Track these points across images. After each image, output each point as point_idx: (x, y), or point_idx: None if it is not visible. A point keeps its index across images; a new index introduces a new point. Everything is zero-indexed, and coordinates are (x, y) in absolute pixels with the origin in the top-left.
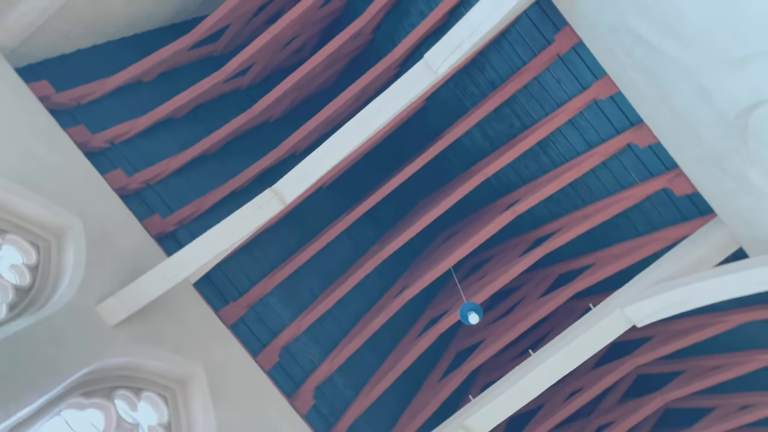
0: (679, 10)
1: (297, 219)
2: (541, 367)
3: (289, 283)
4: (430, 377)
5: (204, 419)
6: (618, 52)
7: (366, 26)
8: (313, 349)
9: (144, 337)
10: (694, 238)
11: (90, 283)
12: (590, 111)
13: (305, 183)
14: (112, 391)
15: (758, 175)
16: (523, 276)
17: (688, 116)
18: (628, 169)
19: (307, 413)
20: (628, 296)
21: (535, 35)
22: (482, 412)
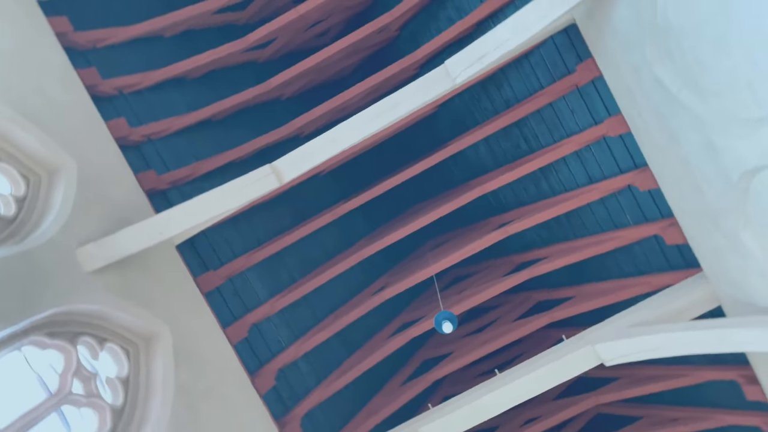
0: (704, 63)
1: (290, 200)
2: (504, 388)
3: (271, 263)
4: (394, 379)
5: (163, 380)
6: (636, 93)
7: (393, 23)
8: (283, 331)
9: (118, 289)
10: (676, 289)
11: (74, 225)
12: (598, 146)
13: (305, 165)
14: (77, 337)
15: (750, 237)
16: (503, 296)
17: (693, 168)
18: (624, 210)
19: (266, 393)
20: (602, 334)
21: (557, 61)
22: (438, 422)
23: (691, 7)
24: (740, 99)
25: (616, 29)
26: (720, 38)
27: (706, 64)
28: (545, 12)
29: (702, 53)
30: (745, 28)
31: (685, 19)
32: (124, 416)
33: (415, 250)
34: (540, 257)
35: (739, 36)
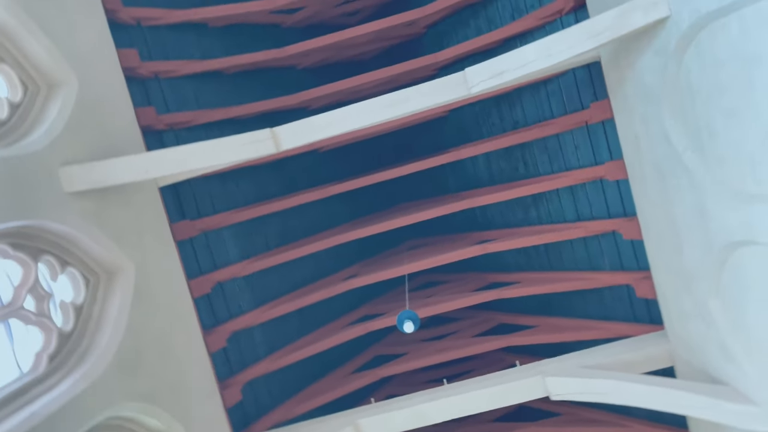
0: (714, 130)
1: (282, 170)
2: (448, 399)
3: (250, 226)
4: (344, 367)
5: (117, 316)
6: (642, 143)
7: (423, 19)
8: (246, 296)
9: (92, 216)
10: (635, 340)
11: (63, 143)
12: (593, 186)
13: (306, 138)
14: (40, 254)
15: (718, 307)
16: (468, 310)
17: (679, 228)
18: (604, 254)
19: (215, 352)
20: (555, 369)
21: (573, 95)
22: (378, 417)
23: (713, 74)
24: (741, 172)
25: (637, 76)
26: (734, 109)
27: (716, 131)
28: (573, 43)
29: (714, 120)
30: (761, 105)
31: (705, 84)
32: (69, 343)
33: (393, 247)
34: (512, 281)
35: (754, 112)
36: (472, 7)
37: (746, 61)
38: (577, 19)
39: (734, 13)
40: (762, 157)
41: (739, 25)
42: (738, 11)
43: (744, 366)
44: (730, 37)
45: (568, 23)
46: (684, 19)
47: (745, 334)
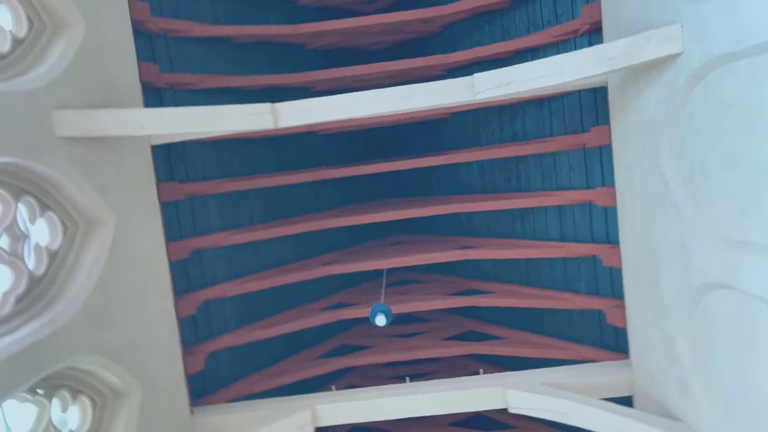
0: (708, 170)
1: (277, 147)
2: (408, 397)
3: (237, 198)
4: (309, 351)
5: (90, 267)
6: (635, 174)
7: (440, 18)
8: (223, 266)
9: (80, 164)
10: (599, 366)
11: (61, 85)
12: (581, 209)
13: (306, 118)
14: (21, 194)
15: (685, 345)
16: (440, 313)
17: (659, 262)
18: (581, 277)
19: (184, 318)
20: (517, 382)
21: (575, 116)
22: (335, 405)
23: (717, 116)
24: (729, 217)
25: (641, 107)
26: (731, 154)
27: (710, 173)
28: (583, 65)
29: (710, 161)
30: (759, 154)
31: (707, 124)
32: (39, 287)
33: (376, 239)
34: (488, 290)
35: (750, 160)
36: (490, 14)
37: (751, 108)
38: (590, 42)
39: (746, 59)
40: (751, 205)
41: (749, 72)
42: (750, 58)
43: (702, 406)
44: (738, 83)
45: (581, 44)
46: (696, 58)
47: (706, 375)
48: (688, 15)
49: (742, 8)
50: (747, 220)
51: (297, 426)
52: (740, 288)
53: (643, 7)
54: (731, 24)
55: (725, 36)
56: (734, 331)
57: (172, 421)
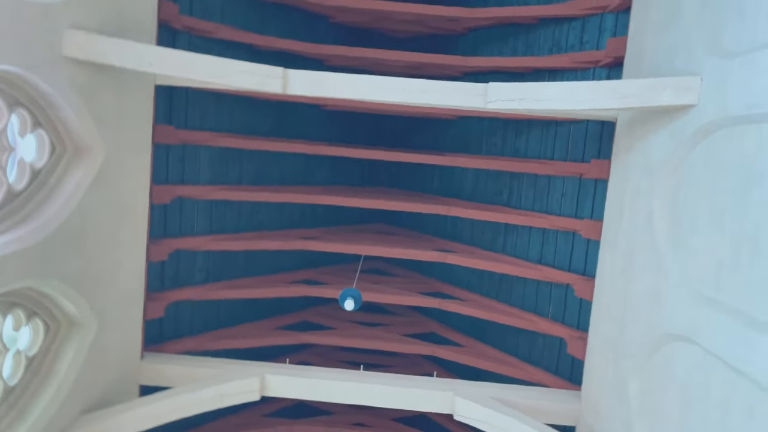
0: (696, 225)
1: (280, 113)
2: (358, 384)
3: (230, 155)
4: (270, 320)
5: (71, 193)
6: (625, 213)
7: (467, 20)
8: (202, 220)
9: (80, 88)
10: (549, 392)
11: (78, 5)
12: (564, 237)
13: (315, 90)
14: (16, 106)
15: (636, 388)
16: (407, 309)
17: (629, 303)
18: (551, 303)
19: (153, 263)
20: (467, 391)
21: (579, 145)
22: (286, 378)
23: (715, 174)
24: (705, 274)
25: (645, 149)
26: (721, 214)
27: (698, 228)
28: (597, 97)
29: (699, 216)
30: (747, 220)
31: (704, 180)
32: (15, 202)
33: (359, 224)
34: (458, 296)
35: (738, 224)
36: (516, 27)
37: (751, 174)
38: (609, 75)
39: (758, 125)
40: (729, 266)
41: (757, 138)
42: (761, 124)
43: None
44: (744, 146)
45: (599, 76)
46: (708, 114)
47: (651, 422)
48: (710, 70)
49: (765, 74)
50: (722, 280)
51: (244, 391)
52: (701, 343)
53: (667, 52)
54: (751, 87)
55: (742, 98)
56: (686, 385)
57: (121, 361)
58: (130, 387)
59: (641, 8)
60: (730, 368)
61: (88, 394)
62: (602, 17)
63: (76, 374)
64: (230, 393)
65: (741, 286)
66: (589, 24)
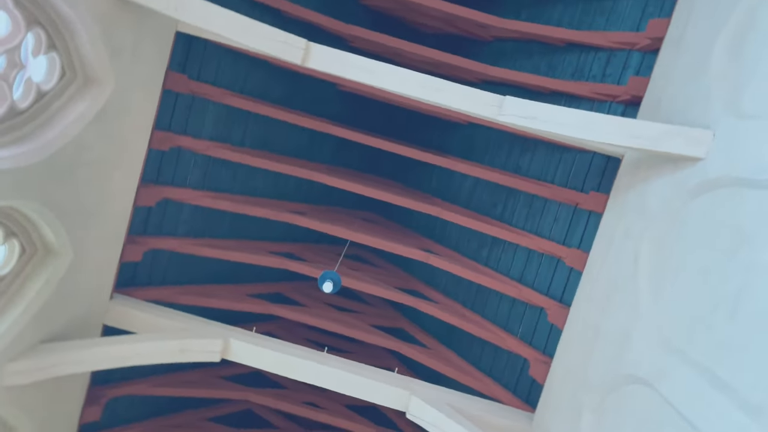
0: (678, 275)
1: (295, 83)
2: (319, 365)
3: (236, 115)
4: (244, 286)
5: (73, 121)
6: (611, 250)
7: (496, 29)
8: (197, 174)
9: (101, 18)
10: (504, 409)
11: None
12: (549, 260)
13: (333, 68)
14: (34, 25)
15: (589, 421)
16: (381, 301)
17: (599, 338)
18: (522, 322)
19: (139, 207)
20: (424, 393)
21: (580, 174)
22: (249, 345)
23: (709, 231)
24: (679, 324)
25: (644, 192)
26: (705, 270)
27: (680, 278)
28: (608, 132)
29: (684, 268)
30: (729, 278)
31: (696, 234)
32: (15, 120)
33: (350, 208)
34: (433, 298)
35: (720, 282)
36: (542, 46)
37: (744, 237)
38: (624, 112)
39: (761, 191)
40: (702, 320)
41: (757, 204)
42: (763, 190)
43: None
44: (743, 209)
45: (614, 111)
46: (713, 170)
47: None
48: (724, 127)
49: None
50: (694, 334)
51: (205, 350)
52: (661, 391)
53: (685, 102)
54: (761, 152)
55: (750, 161)
56: (639, 428)
57: (90, 297)
58: (94, 325)
59: (670, 53)
60: (684, 420)
61: (51, 325)
62: (629, 54)
63: (42, 302)
64: (192, 349)
65: (711, 344)
66: (615, 57)
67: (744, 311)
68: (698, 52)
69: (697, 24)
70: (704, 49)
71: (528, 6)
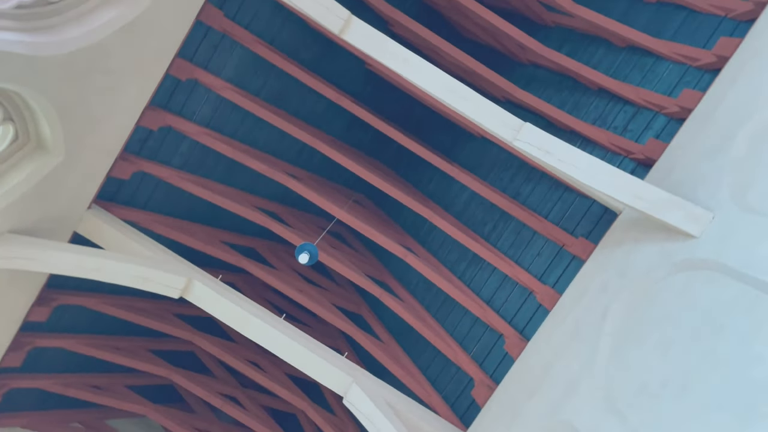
0: (641, 342)
1: (325, 50)
2: (271, 328)
3: (260, 64)
4: (221, 232)
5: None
6: (585, 299)
7: (534, 54)
8: (207, 110)
9: None
10: (438, 420)
11: None
12: (521, 292)
13: (368, 47)
14: None
15: None
16: (350, 284)
17: (546, 378)
18: (477, 343)
19: (141, 127)
20: (367, 384)
21: (575, 218)
22: (210, 291)
23: (681, 308)
24: (628, 389)
25: (631, 252)
26: (667, 344)
27: (641, 345)
28: (614, 185)
29: (648, 337)
30: (689, 359)
31: (668, 308)
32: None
33: (346, 186)
34: (400, 295)
35: (678, 357)
36: (574, 83)
37: (712, 324)
38: (634, 170)
39: (743, 285)
40: (650, 393)
41: (735, 296)
42: (746, 285)
43: None
44: (718, 296)
45: (625, 166)
46: (704, 251)
47: None
48: (725, 213)
49: None
50: (638, 400)
51: (167, 285)
52: None
53: (696, 178)
54: (754, 248)
55: (741, 253)
56: None
57: (68, 201)
58: (65, 230)
59: (694, 126)
60: None
61: (23, 218)
62: (655, 115)
63: (21, 193)
64: (154, 280)
65: (652, 415)
66: (640, 115)
67: (691, 394)
68: (722, 134)
69: (728, 108)
70: (728, 134)
71: (572, 40)
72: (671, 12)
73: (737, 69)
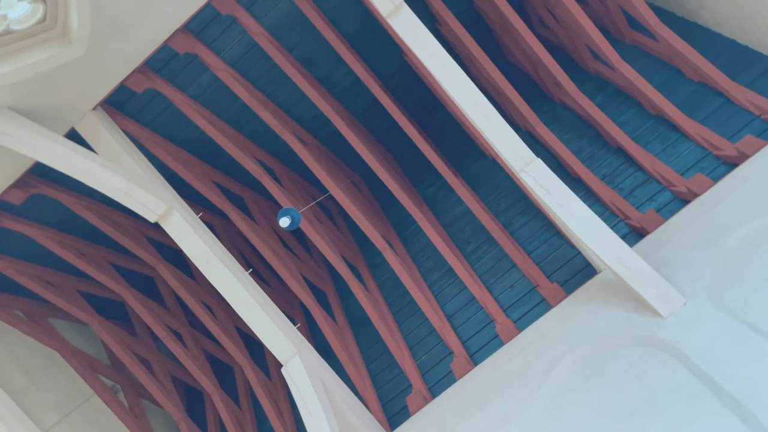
0: (583, 403)
1: (365, 29)
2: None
3: (301, 23)
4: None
5: None
6: (540, 343)
7: (566, 95)
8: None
9: None
10: (366, 415)
11: None
12: (482, 317)
13: (410, 39)
14: None
15: None
16: (321, 258)
17: (482, 409)
18: (429, 353)
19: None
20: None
21: (556, 263)
22: (188, 225)
23: (621, 380)
24: None
25: (597, 313)
26: (607, 412)
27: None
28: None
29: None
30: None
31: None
32: None
33: (347, 163)
34: (367, 286)
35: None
36: (596, 135)
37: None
38: (626, 236)
39: (690, 374)
40: None
41: (681, 382)
42: (694, 378)
43: None
44: (666, 379)
45: (619, 229)
46: (665, 332)
47: None
48: (697, 304)
49: (734, 345)
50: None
51: (147, 206)
52: None
53: (680, 262)
54: (715, 346)
55: (701, 347)
56: None
57: (76, 95)
58: (64, 123)
59: (695, 212)
60: None
61: (27, 99)
62: (662, 190)
63: (31, 74)
64: (135, 198)
65: None
66: (648, 185)
67: None
68: (718, 228)
69: (732, 204)
70: (724, 230)
71: (607, 93)
72: (709, 95)
73: (753, 170)
